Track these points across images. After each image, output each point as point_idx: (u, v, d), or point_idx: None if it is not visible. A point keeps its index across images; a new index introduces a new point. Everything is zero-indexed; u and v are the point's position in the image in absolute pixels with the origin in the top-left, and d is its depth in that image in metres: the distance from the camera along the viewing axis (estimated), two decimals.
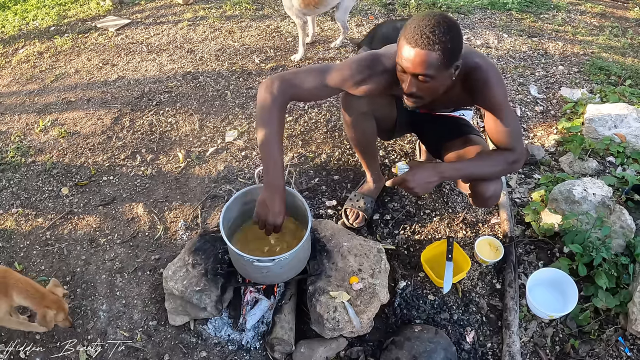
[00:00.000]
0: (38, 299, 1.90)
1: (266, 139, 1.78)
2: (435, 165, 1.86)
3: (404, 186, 1.81)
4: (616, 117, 2.90)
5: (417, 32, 1.55)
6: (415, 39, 1.55)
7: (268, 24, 4.49)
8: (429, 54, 1.55)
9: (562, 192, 2.38)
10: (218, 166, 2.93)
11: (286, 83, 1.82)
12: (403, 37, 1.60)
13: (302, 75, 1.85)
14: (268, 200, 1.78)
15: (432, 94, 1.72)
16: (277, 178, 1.78)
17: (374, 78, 1.84)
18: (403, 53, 1.61)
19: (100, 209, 2.74)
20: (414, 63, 1.58)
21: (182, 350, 2.11)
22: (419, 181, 1.79)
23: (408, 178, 1.79)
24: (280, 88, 1.80)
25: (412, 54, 1.57)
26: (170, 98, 3.55)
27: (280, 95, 1.80)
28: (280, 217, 1.79)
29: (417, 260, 2.35)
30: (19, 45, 4.53)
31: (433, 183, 1.81)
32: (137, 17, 4.82)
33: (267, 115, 1.79)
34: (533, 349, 2.06)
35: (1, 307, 1.88)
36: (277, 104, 1.80)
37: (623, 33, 4.43)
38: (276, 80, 1.82)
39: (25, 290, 1.90)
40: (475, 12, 4.67)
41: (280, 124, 1.81)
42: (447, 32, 1.55)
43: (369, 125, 2.18)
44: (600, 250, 2.12)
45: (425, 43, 1.54)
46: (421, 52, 1.55)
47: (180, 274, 2.11)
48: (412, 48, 1.56)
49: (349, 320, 1.94)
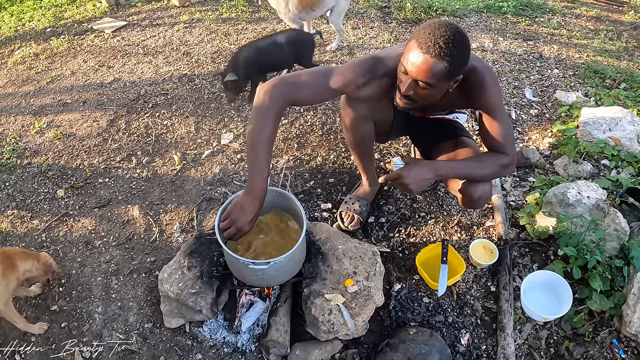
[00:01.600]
0: (35, 257, 2.18)
1: (256, 142, 1.75)
2: (431, 162, 1.85)
3: (398, 182, 1.79)
4: (611, 120, 2.91)
5: (431, 40, 1.54)
6: (427, 46, 1.55)
7: (264, 26, 4.49)
8: (436, 63, 1.56)
9: (556, 195, 2.39)
10: (214, 169, 2.94)
11: (288, 87, 1.79)
12: (415, 40, 1.59)
13: (304, 79, 1.83)
14: (245, 205, 1.76)
15: (426, 100, 1.72)
16: (260, 185, 1.75)
17: (375, 81, 1.83)
18: (411, 56, 1.60)
19: (95, 211, 2.74)
20: (420, 69, 1.58)
21: (177, 352, 2.11)
22: (414, 177, 1.77)
23: (403, 174, 1.77)
24: (281, 92, 1.77)
25: (419, 60, 1.57)
26: (166, 100, 3.55)
27: (281, 99, 1.77)
28: (248, 226, 1.78)
29: (412, 263, 2.36)
30: (14, 46, 4.52)
31: (429, 180, 1.80)
32: (134, 19, 4.82)
33: (261, 118, 1.76)
34: (527, 351, 2.07)
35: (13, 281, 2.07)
36: (274, 108, 1.77)
37: (618, 36, 4.45)
38: (277, 84, 1.78)
39: (24, 254, 2.15)
40: (470, 16, 4.69)
41: (273, 131, 1.78)
42: (459, 46, 1.56)
43: (367, 129, 2.18)
44: (594, 253, 2.13)
45: (436, 52, 1.54)
46: (429, 60, 1.56)
47: (175, 276, 2.10)
48: (422, 54, 1.56)
49: (344, 323, 1.94)
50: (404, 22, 4.49)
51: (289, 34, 3.30)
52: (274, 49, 3.21)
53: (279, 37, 3.24)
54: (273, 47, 3.20)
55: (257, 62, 3.19)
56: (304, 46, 3.39)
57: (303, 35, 3.46)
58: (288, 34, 3.29)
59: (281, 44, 3.22)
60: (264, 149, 1.75)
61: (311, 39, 3.43)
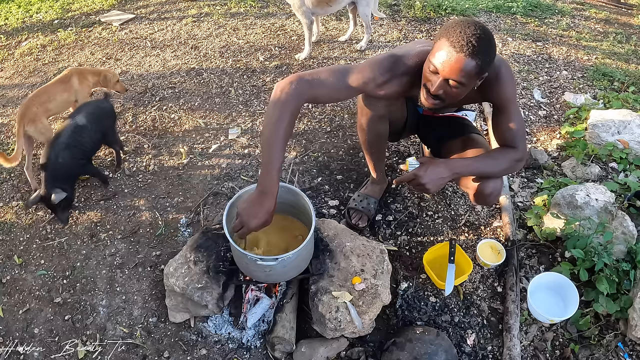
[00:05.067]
0: (98, 72, 3.06)
1: (271, 139, 1.70)
2: (446, 161, 1.84)
3: (415, 183, 1.78)
4: (619, 123, 2.90)
5: (464, 39, 1.53)
6: (460, 45, 1.53)
7: (273, 22, 4.48)
8: (469, 62, 1.55)
9: (564, 197, 2.38)
10: (221, 163, 2.93)
11: (306, 84, 1.74)
12: (445, 39, 1.57)
13: (322, 76, 1.78)
14: (256, 204, 1.71)
15: (454, 99, 1.71)
16: (272, 182, 1.71)
17: (395, 80, 1.81)
18: (443, 55, 1.58)
19: (101, 203, 2.73)
20: (452, 68, 1.57)
21: (182, 347, 2.11)
22: (431, 177, 1.76)
23: (420, 174, 1.76)
24: (298, 88, 1.72)
25: (453, 59, 1.56)
26: (173, 94, 3.55)
27: (298, 96, 1.72)
28: (260, 227, 1.73)
29: (419, 261, 2.35)
30: (22, 37, 4.51)
31: (445, 179, 1.79)
32: (142, 12, 4.81)
33: (278, 114, 1.70)
34: (533, 353, 2.06)
35: (86, 89, 3.00)
36: (291, 105, 1.72)
37: (627, 39, 4.43)
38: (294, 81, 1.73)
39: (91, 71, 3.08)
40: (480, 15, 4.67)
41: (288, 129, 1.72)
42: (489, 44, 1.56)
43: (383, 128, 2.17)
44: (601, 255, 2.12)
45: (470, 51, 1.53)
46: (463, 59, 1.54)
47: (181, 270, 2.10)
48: (456, 53, 1.55)
49: (350, 321, 1.93)
50: (413, 21, 4.47)
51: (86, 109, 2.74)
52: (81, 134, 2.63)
53: (78, 119, 2.66)
54: (77, 133, 2.62)
55: (73, 158, 2.59)
56: (107, 120, 2.84)
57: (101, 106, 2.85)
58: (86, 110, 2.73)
59: (84, 125, 2.65)
60: (279, 145, 1.70)
61: (109, 107, 2.90)
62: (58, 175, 2.53)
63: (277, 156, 1.70)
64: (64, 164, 2.53)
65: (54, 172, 2.52)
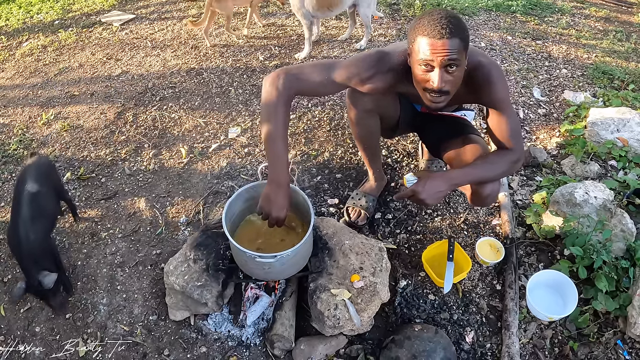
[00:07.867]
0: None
1: (271, 134, 1.80)
2: (444, 173, 1.85)
3: (414, 198, 1.79)
4: (619, 121, 2.90)
5: (437, 25, 1.57)
6: (438, 31, 1.57)
7: (272, 21, 4.49)
8: (454, 41, 1.58)
9: (563, 195, 2.39)
10: (221, 162, 2.94)
11: (292, 77, 1.83)
12: (421, 35, 1.60)
13: (308, 70, 1.86)
14: (272, 195, 1.80)
15: (456, 86, 1.71)
16: (282, 173, 1.81)
17: (380, 76, 1.84)
18: (429, 46, 1.60)
19: (102, 202, 2.74)
20: (445, 52, 1.59)
21: (182, 345, 2.12)
22: (429, 192, 1.77)
23: (418, 189, 1.77)
24: (285, 83, 1.82)
25: (439, 44, 1.58)
26: (174, 94, 3.56)
27: (286, 90, 1.81)
28: (283, 211, 1.82)
29: (418, 259, 2.36)
30: (22, 38, 4.53)
31: (444, 192, 1.80)
32: (142, 13, 4.82)
33: (272, 110, 1.81)
34: (532, 351, 2.06)
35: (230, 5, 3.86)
36: (282, 99, 1.81)
37: (627, 38, 4.43)
38: (282, 75, 1.83)
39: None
40: (479, 14, 4.67)
41: (285, 120, 1.83)
42: (459, 21, 1.61)
43: (373, 123, 2.18)
44: (600, 253, 2.12)
45: (449, 32, 1.56)
46: (446, 41, 1.57)
47: (181, 269, 2.11)
48: (439, 39, 1.57)
49: (349, 318, 1.94)
50: (412, 20, 4.47)
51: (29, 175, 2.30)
52: (38, 201, 2.25)
53: (29, 187, 2.23)
54: (35, 202, 2.23)
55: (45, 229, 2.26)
56: (53, 174, 2.49)
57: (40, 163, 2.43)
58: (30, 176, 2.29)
59: (37, 190, 2.25)
60: (280, 139, 1.80)
61: (48, 162, 2.54)
62: (36, 254, 2.11)
63: (281, 149, 1.81)
64: (36, 239, 2.13)
65: (30, 252, 2.09)
